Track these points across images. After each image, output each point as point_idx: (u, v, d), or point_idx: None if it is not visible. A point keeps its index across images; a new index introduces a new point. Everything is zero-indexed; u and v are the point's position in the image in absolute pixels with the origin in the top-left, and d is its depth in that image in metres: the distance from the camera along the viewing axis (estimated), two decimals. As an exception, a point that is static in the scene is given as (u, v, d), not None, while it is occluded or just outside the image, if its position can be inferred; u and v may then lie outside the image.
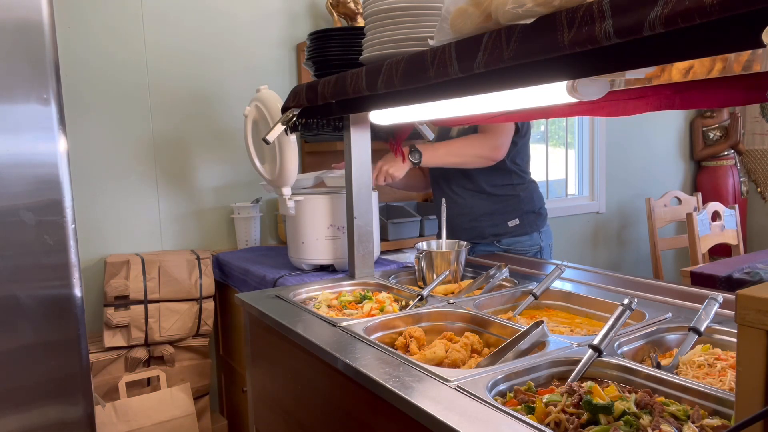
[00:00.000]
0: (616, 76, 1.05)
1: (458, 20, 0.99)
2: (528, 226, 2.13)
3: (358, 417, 1.13)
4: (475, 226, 2.13)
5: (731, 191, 4.32)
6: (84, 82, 2.32)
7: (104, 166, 2.38)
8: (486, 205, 2.11)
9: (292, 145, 1.76)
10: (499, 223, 2.12)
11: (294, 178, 1.82)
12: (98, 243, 2.39)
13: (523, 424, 0.82)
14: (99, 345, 2.18)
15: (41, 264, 1.38)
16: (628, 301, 1.11)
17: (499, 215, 2.11)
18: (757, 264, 2.32)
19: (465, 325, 1.36)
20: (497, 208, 2.11)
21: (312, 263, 1.97)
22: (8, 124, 1.32)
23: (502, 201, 2.12)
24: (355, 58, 1.50)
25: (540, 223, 2.18)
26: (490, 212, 2.11)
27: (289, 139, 1.75)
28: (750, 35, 0.61)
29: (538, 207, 2.18)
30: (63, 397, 1.43)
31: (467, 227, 2.14)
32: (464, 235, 2.13)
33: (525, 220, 2.13)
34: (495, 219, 2.11)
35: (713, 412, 0.87)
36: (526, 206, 2.14)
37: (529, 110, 1.60)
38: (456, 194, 2.14)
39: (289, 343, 1.37)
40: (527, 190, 2.16)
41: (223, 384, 2.61)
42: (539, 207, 2.18)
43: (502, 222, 2.12)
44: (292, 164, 1.79)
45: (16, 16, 1.31)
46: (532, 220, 2.15)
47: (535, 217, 2.16)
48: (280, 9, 2.72)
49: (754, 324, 0.56)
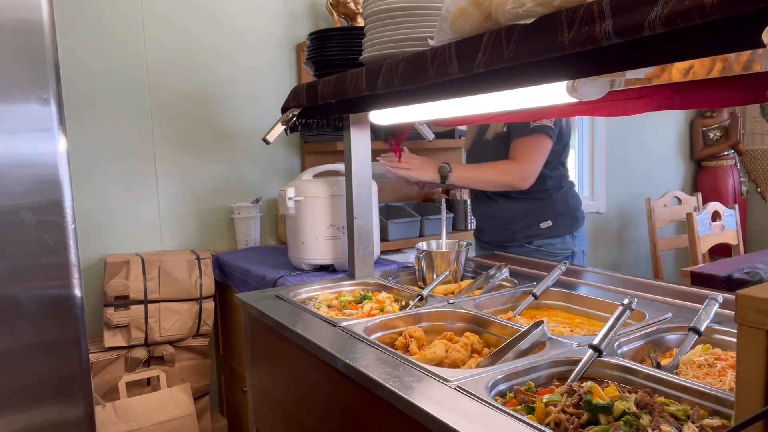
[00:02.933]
0: (616, 76, 1.05)
1: (458, 20, 0.99)
2: (561, 228, 2.10)
3: (357, 417, 1.13)
4: (508, 229, 2.12)
5: (731, 191, 4.32)
6: (84, 82, 2.32)
7: (104, 166, 2.38)
8: (518, 207, 2.09)
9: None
10: (531, 225, 2.09)
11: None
12: (98, 243, 2.39)
13: (523, 424, 0.82)
14: (99, 345, 2.17)
15: (41, 264, 1.38)
16: (628, 301, 1.11)
17: (531, 217, 2.09)
18: (757, 264, 2.32)
19: (465, 325, 1.36)
20: (529, 210, 2.09)
21: (312, 263, 1.97)
22: (8, 124, 1.32)
23: (534, 203, 2.09)
24: (355, 58, 1.50)
25: (574, 226, 2.13)
26: (523, 214, 2.09)
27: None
28: (750, 35, 0.61)
29: (573, 209, 2.14)
30: (63, 397, 1.43)
31: (498, 229, 2.14)
32: (495, 237, 2.15)
33: (558, 222, 2.09)
34: (527, 221, 2.09)
35: (713, 412, 0.87)
36: (559, 208, 2.10)
37: (529, 110, 1.61)
38: (488, 197, 2.12)
39: (289, 343, 1.37)
40: (561, 192, 2.12)
41: (223, 384, 2.61)
42: (574, 209, 2.14)
43: (534, 224, 2.09)
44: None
45: (16, 16, 1.31)
46: (566, 223, 2.11)
47: (569, 219, 2.12)
48: (280, 9, 2.72)
49: (754, 324, 0.56)
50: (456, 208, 3.00)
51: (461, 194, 2.99)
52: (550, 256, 2.09)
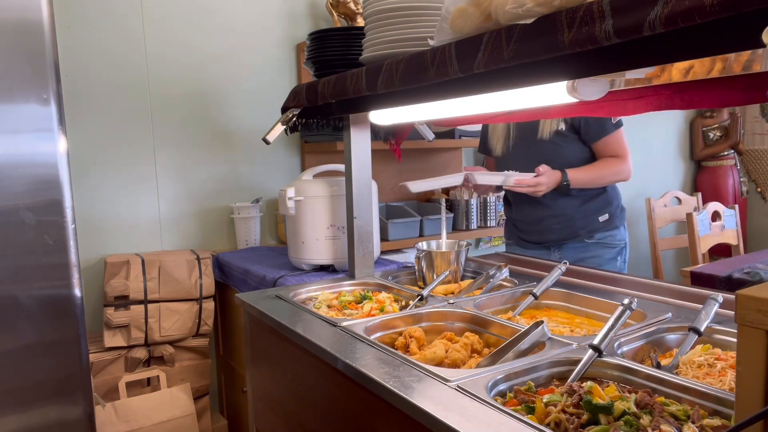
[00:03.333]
0: (616, 76, 1.05)
1: (458, 20, 0.99)
2: (617, 219, 2.17)
3: (358, 417, 1.13)
4: (568, 226, 2.15)
5: (731, 191, 4.32)
6: (84, 82, 2.32)
7: (104, 166, 2.38)
8: (576, 204, 2.13)
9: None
10: (591, 220, 2.14)
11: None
12: (98, 243, 2.39)
13: (523, 424, 0.82)
14: (99, 345, 2.17)
15: (41, 264, 1.38)
16: (628, 301, 1.11)
17: (591, 212, 2.14)
18: (757, 264, 2.31)
19: (465, 325, 1.36)
20: (588, 206, 2.13)
21: (312, 263, 1.97)
22: (8, 124, 1.32)
23: (592, 198, 2.14)
24: (355, 58, 1.50)
25: (623, 217, 2.21)
26: (582, 210, 2.13)
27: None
28: (750, 35, 0.61)
29: (621, 201, 2.22)
30: (63, 397, 1.43)
31: (558, 227, 2.16)
32: (555, 235, 2.16)
33: (613, 215, 2.17)
34: (587, 217, 2.14)
35: (713, 412, 0.87)
36: (614, 200, 2.18)
37: (529, 110, 1.61)
38: (545, 196, 2.11)
39: (289, 343, 1.37)
40: (613, 185, 2.19)
41: (223, 384, 2.61)
42: (621, 201, 2.22)
43: (593, 218, 2.14)
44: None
45: (16, 16, 1.31)
46: (619, 214, 2.19)
47: (621, 211, 2.20)
48: (280, 9, 2.72)
49: (754, 324, 0.56)
50: (456, 208, 3.00)
51: (461, 194, 2.99)
52: (608, 248, 2.15)
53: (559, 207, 2.13)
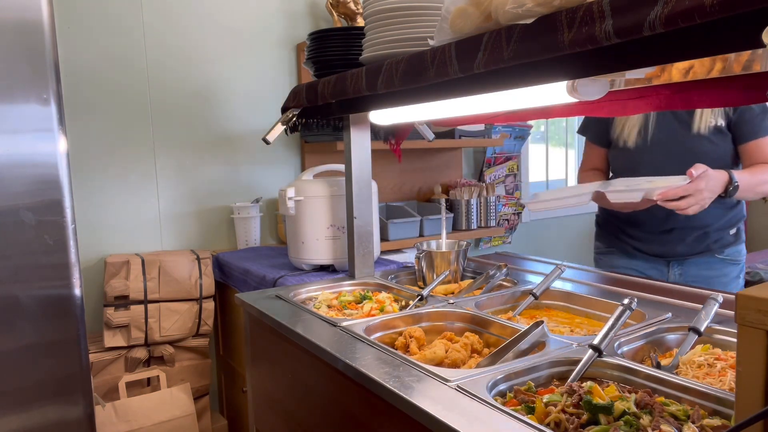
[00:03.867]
0: (616, 76, 1.05)
1: (458, 20, 0.99)
2: (742, 233, 1.91)
3: (358, 417, 1.13)
4: (702, 239, 1.85)
5: (731, 191, 4.32)
6: (84, 82, 2.32)
7: (104, 166, 2.38)
8: (719, 215, 1.83)
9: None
10: (725, 234, 1.87)
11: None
12: (98, 243, 2.39)
13: (523, 424, 0.82)
14: (99, 345, 2.18)
15: (41, 264, 1.38)
16: (628, 301, 1.11)
17: (726, 225, 1.87)
18: (757, 264, 2.31)
19: (465, 325, 1.36)
20: (723, 217, 1.85)
21: (312, 263, 1.97)
22: (8, 124, 1.32)
23: (732, 209, 1.86)
24: (355, 58, 1.50)
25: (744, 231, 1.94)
26: (722, 222, 1.85)
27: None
28: (750, 35, 0.61)
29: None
30: (63, 397, 1.43)
31: (691, 240, 1.84)
32: (685, 248, 1.85)
33: (740, 228, 1.90)
34: (723, 230, 1.86)
35: (713, 412, 0.87)
36: (743, 213, 1.91)
37: (529, 110, 1.60)
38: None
39: (289, 343, 1.37)
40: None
41: (223, 384, 2.61)
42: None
43: (726, 232, 1.87)
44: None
45: (16, 16, 1.31)
46: (742, 228, 1.92)
47: (743, 225, 1.93)
48: (280, 9, 2.72)
49: (754, 324, 0.56)
50: (456, 208, 3.00)
51: (461, 194, 2.99)
52: (734, 265, 1.89)
53: (702, 217, 1.70)
